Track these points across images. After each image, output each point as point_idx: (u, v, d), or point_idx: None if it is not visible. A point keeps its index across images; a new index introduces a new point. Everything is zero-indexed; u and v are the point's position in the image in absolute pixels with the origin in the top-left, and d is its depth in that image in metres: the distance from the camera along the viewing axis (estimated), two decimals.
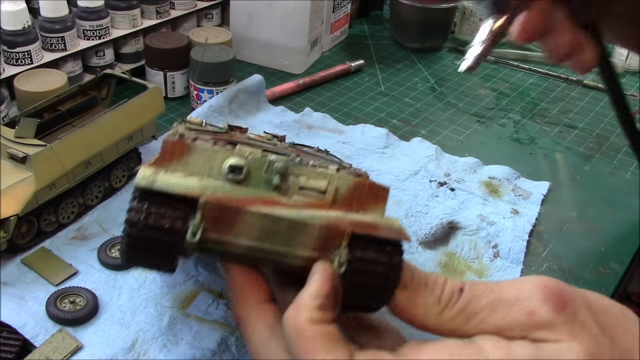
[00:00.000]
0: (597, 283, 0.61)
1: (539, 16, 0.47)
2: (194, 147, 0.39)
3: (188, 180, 0.38)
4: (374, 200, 0.40)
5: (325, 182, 0.40)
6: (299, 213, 0.38)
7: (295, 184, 0.39)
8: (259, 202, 0.38)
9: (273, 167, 0.39)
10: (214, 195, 0.37)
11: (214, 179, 0.39)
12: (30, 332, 0.49)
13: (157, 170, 0.38)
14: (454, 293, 0.36)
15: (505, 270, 0.61)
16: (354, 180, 0.40)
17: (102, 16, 0.81)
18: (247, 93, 0.83)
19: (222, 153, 0.39)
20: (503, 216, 0.67)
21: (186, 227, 0.37)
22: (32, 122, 0.58)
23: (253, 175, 0.39)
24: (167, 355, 0.48)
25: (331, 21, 1.03)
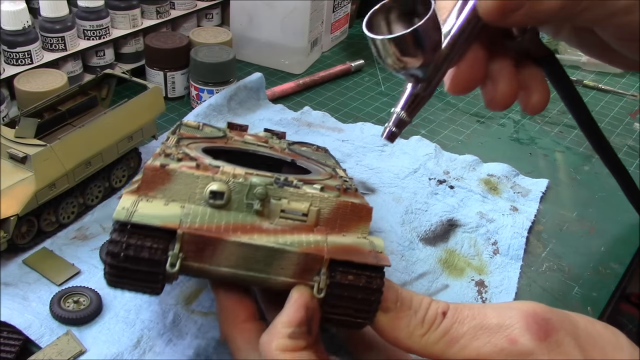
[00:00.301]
0: (597, 283, 0.61)
1: (468, 70, 0.42)
2: (175, 173, 0.39)
3: (168, 209, 0.38)
4: (356, 220, 0.40)
5: (307, 205, 0.40)
6: (278, 240, 0.38)
7: (277, 208, 0.39)
8: (239, 229, 0.38)
9: (254, 192, 0.39)
10: (192, 225, 0.37)
11: (195, 205, 0.39)
12: (36, 333, 0.49)
13: (138, 199, 0.38)
14: (437, 316, 0.36)
15: (504, 267, 0.62)
16: (336, 201, 0.40)
17: (102, 16, 0.81)
18: (247, 90, 0.83)
19: (203, 179, 0.39)
20: (502, 213, 0.68)
21: (166, 257, 0.37)
22: (32, 122, 0.58)
23: (235, 200, 0.39)
24: (173, 349, 0.49)
25: (331, 21, 1.03)
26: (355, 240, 0.39)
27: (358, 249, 0.39)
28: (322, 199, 0.40)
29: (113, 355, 0.48)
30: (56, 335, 0.49)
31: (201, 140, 0.53)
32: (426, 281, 0.59)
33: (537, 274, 0.62)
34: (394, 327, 0.37)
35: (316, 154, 0.60)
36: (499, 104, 0.43)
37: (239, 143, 0.55)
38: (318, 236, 0.39)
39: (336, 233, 0.40)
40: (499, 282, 0.60)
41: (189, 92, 0.84)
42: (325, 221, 0.40)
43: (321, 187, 0.41)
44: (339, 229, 0.40)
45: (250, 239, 0.37)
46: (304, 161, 0.54)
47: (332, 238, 0.39)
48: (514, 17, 0.36)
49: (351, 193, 0.43)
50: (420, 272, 0.60)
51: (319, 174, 0.48)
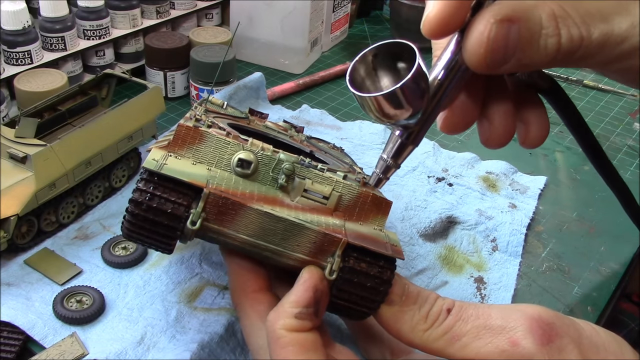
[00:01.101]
0: (597, 283, 0.61)
1: (461, 113, 0.41)
2: (207, 135, 0.39)
3: (195, 168, 0.38)
4: (375, 212, 0.41)
5: (329, 188, 0.40)
6: (299, 216, 0.38)
7: (300, 186, 0.40)
8: (262, 199, 0.38)
9: (281, 166, 0.39)
10: (218, 187, 0.37)
11: (221, 170, 0.39)
12: (39, 334, 0.49)
13: (168, 154, 0.39)
14: (441, 312, 0.36)
15: (503, 264, 0.62)
16: (358, 190, 0.40)
17: (102, 16, 0.81)
18: (247, 89, 0.83)
19: (233, 145, 0.40)
20: (501, 210, 0.68)
21: (188, 213, 0.37)
22: (32, 122, 0.58)
23: (261, 172, 0.39)
24: (177, 345, 0.49)
25: (331, 21, 1.03)
26: (371, 231, 0.40)
27: (374, 238, 0.39)
28: (345, 185, 0.40)
29: (117, 352, 0.48)
30: (60, 335, 0.49)
31: (226, 116, 0.53)
32: (426, 277, 0.59)
33: (537, 274, 0.62)
34: (397, 320, 0.37)
35: (333, 151, 0.60)
36: (496, 144, 0.42)
37: (261, 127, 0.56)
38: (336, 220, 0.39)
39: (354, 221, 0.40)
40: (497, 279, 0.60)
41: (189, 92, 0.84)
42: (344, 207, 0.40)
43: (344, 175, 0.41)
44: (356, 217, 0.40)
45: (272, 210, 0.37)
46: (322, 154, 0.54)
47: (349, 224, 0.39)
48: (503, 67, 0.34)
49: (370, 187, 0.42)
50: (420, 267, 0.60)
51: (338, 167, 0.48)
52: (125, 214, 0.38)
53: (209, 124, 0.42)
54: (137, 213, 0.38)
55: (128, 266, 0.56)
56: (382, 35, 1.13)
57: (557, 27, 0.33)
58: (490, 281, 0.60)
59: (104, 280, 0.55)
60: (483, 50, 0.33)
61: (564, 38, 0.33)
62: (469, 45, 0.33)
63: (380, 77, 0.38)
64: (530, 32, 0.33)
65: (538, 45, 0.33)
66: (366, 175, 0.49)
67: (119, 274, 0.55)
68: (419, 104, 0.36)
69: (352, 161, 0.59)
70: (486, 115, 0.41)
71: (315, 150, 0.55)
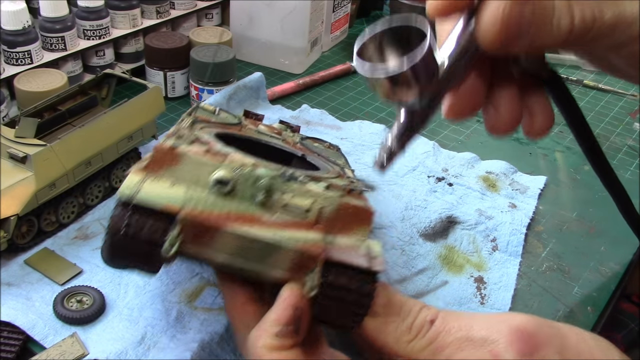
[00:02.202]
0: (597, 283, 0.61)
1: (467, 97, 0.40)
2: (184, 156, 0.39)
3: (172, 191, 0.38)
4: (357, 223, 0.40)
5: (310, 201, 0.39)
6: (275, 235, 0.37)
7: (280, 201, 0.39)
8: (239, 219, 0.38)
9: (258, 183, 0.39)
10: (194, 210, 0.37)
11: (200, 190, 0.39)
12: (40, 334, 0.49)
13: (145, 178, 0.38)
14: (424, 324, 0.36)
15: (503, 263, 0.62)
16: (339, 201, 0.40)
17: (102, 16, 0.81)
18: (247, 89, 0.83)
19: (211, 165, 0.39)
20: (501, 210, 0.68)
21: (165, 238, 0.37)
22: (32, 122, 0.58)
23: (239, 189, 0.39)
24: (177, 344, 0.49)
25: (331, 21, 1.03)
26: (353, 242, 0.39)
27: (355, 250, 0.38)
28: (325, 197, 0.40)
29: (118, 352, 0.48)
30: (60, 335, 0.49)
31: (215, 125, 0.52)
32: (426, 277, 0.59)
33: (537, 274, 0.62)
34: (381, 332, 0.37)
35: (327, 151, 0.60)
36: (502, 131, 0.41)
37: (253, 132, 0.55)
38: (316, 234, 0.39)
39: (335, 233, 0.39)
40: (497, 279, 0.60)
41: (189, 92, 0.84)
42: (326, 220, 0.39)
43: (327, 186, 0.41)
44: (338, 229, 0.40)
45: (247, 230, 0.37)
46: (314, 157, 0.54)
47: (330, 237, 0.39)
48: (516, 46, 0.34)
49: (355, 194, 0.42)
50: (420, 267, 0.60)
51: (327, 172, 0.48)
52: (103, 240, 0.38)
53: (191, 140, 0.41)
54: (114, 241, 0.38)
55: None
56: None
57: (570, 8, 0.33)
58: (490, 281, 0.60)
59: (104, 280, 0.55)
60: (497, 27, 0.32)
61: (577, 19, 0.33)
62: (482, 23, 0.33)
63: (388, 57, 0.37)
64: (544, 11, 0.32)
65: (551, 24, 0.33)
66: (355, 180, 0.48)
67: (119, 274, 0.55)
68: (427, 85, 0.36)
69: (345, 162, 0.58)
70: (492, 101, 0.41)
71: (308, 152, 0.55)
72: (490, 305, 0.57)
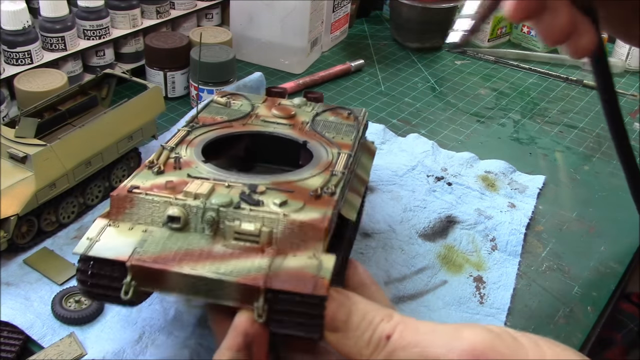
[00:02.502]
0: (597, 283, 0.61)
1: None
2: (136, 199, 0.42)
3: (128, 235, 0.41)
4: (308, 239, 0.40)
5: (257, 226, 0.40)
6: (220, 269, 0.39)
7: (231, 229, 0.40)
8: (188, 256, 0.39)
9: (205, 216, 0.41)
10: (143, 256, 0.39)
11: (157, 227, 0.41)
12: (38, 333, 0.49)
13: (107, 225, 0.42)
14: (380, 340, 0.36)
15: (503, 263, 0.62)
16: (285, 220, 0.40)
17: (102, 16, 0.81)
18: (247, 89, 0.83)
19: (162, 203, 0.41)
20: (500, 210, 0.68)
21: (121, 285, 0.40)
22: (32, 122, 0.58)
23: (192, 222, 0.41)
24: (175, 341, 0.49)
25: (331, 21, 1.03)
26: (303, 262, 0.39)
27: (301, 274, 0.38)
28: (272, 219, 0.40)
29: (115, 350, 0.48)
30: (58, 335, 0.49)
31: (218, 126, 0.54)
32: (425, 276, 0.59)
33: (537, 274, 0.62)
34: (343, 346, 0.37)
35: (339, 126, 0.58)
36: (557, 37, 0.43)
37: (259, 123, 0.56)
38: (265, 260, 0.39)
39: (287, 253, 0.40)
40: (497, 278, 0.60)
41: (189, 92, 0.84)
42: (278, 240, 0.40)
43: (282, 201, 0.42)
44: (291, 248, 0.40)
45: (192, 270, 0.38)
46: (316, 142, 0.53)
47: (279, 261, 0.39)
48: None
49: (323, 200, 0.43)
50: (419, 266, 0.60)
51: (313, 167, 0.48)
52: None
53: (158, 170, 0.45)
54: (83, 289, 0.42)
55: None
56: (382, 35, 1.13)
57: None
58: (489, 280, 0.60)
59: None
60: None
61: None
62: None
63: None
64: None
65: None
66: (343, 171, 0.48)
67: None
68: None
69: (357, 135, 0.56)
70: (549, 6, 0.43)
71: (312, 136, 0.54)
72: (490, 305, 0.57)
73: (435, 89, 0.97)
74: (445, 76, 1.01)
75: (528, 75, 1.04)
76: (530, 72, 1.05)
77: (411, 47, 1.09)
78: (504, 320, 0.56)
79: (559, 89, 1.00)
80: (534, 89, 0.99)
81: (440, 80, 1.00)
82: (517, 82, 1.01)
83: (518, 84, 1.01)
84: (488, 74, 1.04)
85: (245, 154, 0.56)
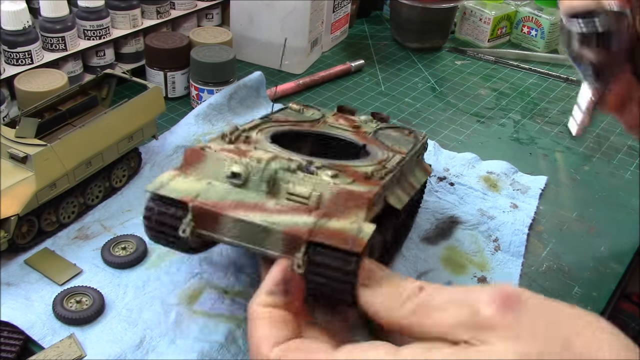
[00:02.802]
0: (597, 283, 0.61)
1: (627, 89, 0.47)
2: (207, 154, 0.46)
3: (194, 185, 0.45)
4: (352, 207, 0.43)
5: (309, 189, 0.44)
6: (268, 219, 0.42)
7: (284, 190, 0.44)
8: (243, 206, 0.43)
9: (264, 175, 0.44)
10: (204, 200, 0.44)
11: (220, 182, 0.45)
12: (38, 334, 0.49)
13: (178, 174, 0.46)
14: (414, 291, 0.37)
15: (506, 264, 0.62)
16: (335, 188, 0.44)
17: (102, 16, 0.81)
18: (247, 89, 0.83)
19: (229, 161, 0.46)
20: (503, 210, 0.68)
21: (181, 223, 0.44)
22: (32, 122, 0.58)
23: (252, 180, 0.45)
24: (176, 350, 0.49)
25: (331, 21, 1.03)
26: (345, 225, 0.42)
27: (342, 233, 0.41)
28: (322, 185, 0.44)
29: (116, 355, 0.48)
30: (58, 335, 0.49)
31: (287, 123, 0.60)
32: (428, 278, 0.59)
33: (537, 274, 0.62)
34: (372, 302, 0.38)
35: (397, 138, 0.62)
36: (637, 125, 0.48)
37: (325, 127, 0.61)
38: (311, 218, 0.42)
39: (331, 217, 0.43)
40: (500, 279, 0.60)
41: (189, 92, 0.84)
42: (326, 205, 0.44)
43: (334, 174, 0.45)
44: (336, 213, 0.43)
45: (243, 216, 0.43)
46: (374, 146, 0.58)
47: (323, 221, 0.42)
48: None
49: (372, 182, 0.46)
50: (422, 270, 0.60)
51: (367, 160, 0.52)
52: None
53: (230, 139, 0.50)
54: (147, 225, 0.46)
55: (128, 266, 0.56)
56: (382, 35, 1.13)
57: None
58: (493, 281, 0.60)
59: (104, 280, 0.55)
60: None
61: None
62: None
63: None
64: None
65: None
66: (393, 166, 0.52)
67: (118, 275, 0.55)
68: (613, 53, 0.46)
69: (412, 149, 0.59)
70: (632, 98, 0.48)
71: (371, 142, 0.59)
72: None
73: (436, 89, 0.97)
74: (446, 76, 1.01)
75: (528, 76, 1.04)
76: (530, 72, 1.05)
77: (411, 47, 1.09)
78: None
79: (559, 89, 1.00)
80: (534, 89, 0.99)
81: (441, 81, 1.00)
82: (517, 83, 1.01)
83: (518, 84, 1.01)
84: (488, 74, 1.04)
85: (309, 149, 0.59)
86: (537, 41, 1.12)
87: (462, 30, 1.15)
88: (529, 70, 1.05)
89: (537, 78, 1.03)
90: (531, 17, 1.12)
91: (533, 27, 1.12)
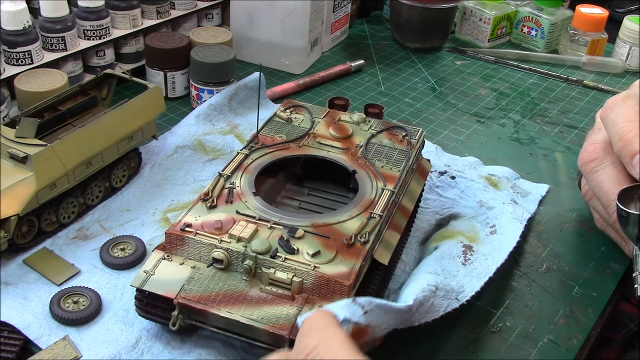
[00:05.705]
0: (597, 283, 0.61)
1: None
2: (188, 239, 0.48)
3: (178, 272, 0.47)
4: (335, 292, 0.45)
5: (289, 276, 0.45)
6: (252, 315, 0.44)
7: (266, 276, 0.46)
8: (227, 298, 0.45)
9: (244, 263, 0.46)
10: (188, 295, 0.46)
11: (204, 264, 0.48)
12: (34, 333, 0.49)
13: (162, 258, 0.48)
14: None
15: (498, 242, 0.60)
16: (314, 274, 0.45)
17: (102, 16, 0.81)
18: (247, 89, 0.83)
19: (209, 245, 0.47)
20: (502, 202, 0.67)
21: (170, 315, 0.46)
22: (32, 122, 0.58)
23: (233, 264, 0.47)
24: (172, 352, 0.49)
25: (331, 21, 1.03)
26: None
27: None
28: (303, 272, 0.45)
29: (111, 355, 0.48)
30: (55, 335, 0.49)
31: (274, 148, 0.58)
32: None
33: (537, 274, 0.62)
34: None
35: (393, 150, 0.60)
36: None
37: (314, 145, 0.60)
38: (293, 309, 0.45)
39: (315, 302, 0.45)
40: (488, 252, 0.58)
41: (189, 92, 0.84)
42: (308, 290, 0.46)
43: (316, 251, 0.46)
44: (319, 297, 0.45)
45: (228, 313, 0.45)
46: (365, 172, 0.56)
47: (307, 309, 0.44)
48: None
49: (355, 249, 0.47)
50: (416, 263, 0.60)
51: (355, 205, 0.52)
52: None
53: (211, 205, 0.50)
54: (141, 314, 0.49)
55: (126, 268, 0.56)
56: (382, 35, 1.13)
57: None
58: (479, 251, 0.58)
59: (102, 281, 0.55)
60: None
61: None
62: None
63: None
64: None
65: None
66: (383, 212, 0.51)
67: (116, 275, 0.55)
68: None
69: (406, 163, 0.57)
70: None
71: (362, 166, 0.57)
72: (471, 269, 0.55)
73: (436, 89, 0.97)
74: (446, 76, 1.01)
75: (528, 76, 1.04)
76: (530, 72, 1.05)
77: (411, 47, 1.09)
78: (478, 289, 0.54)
79: (559, 89, 1.00)
80: (534, 89, 0.99)
81: (441, 81, 1.00)
82: (517, 83, 1.01)
83: (518, 84, 1.01)
84: (488, 74, 1.04)
85: (299, 172, 0.61)
86: (537, 41, 1.12)
87: (462, 30, 1.15)
88: (529, 70, 1.05)
89: (537, 78, 1.03)
90: (531, 17, 1.12)
91: (533, 27, 1.12)
